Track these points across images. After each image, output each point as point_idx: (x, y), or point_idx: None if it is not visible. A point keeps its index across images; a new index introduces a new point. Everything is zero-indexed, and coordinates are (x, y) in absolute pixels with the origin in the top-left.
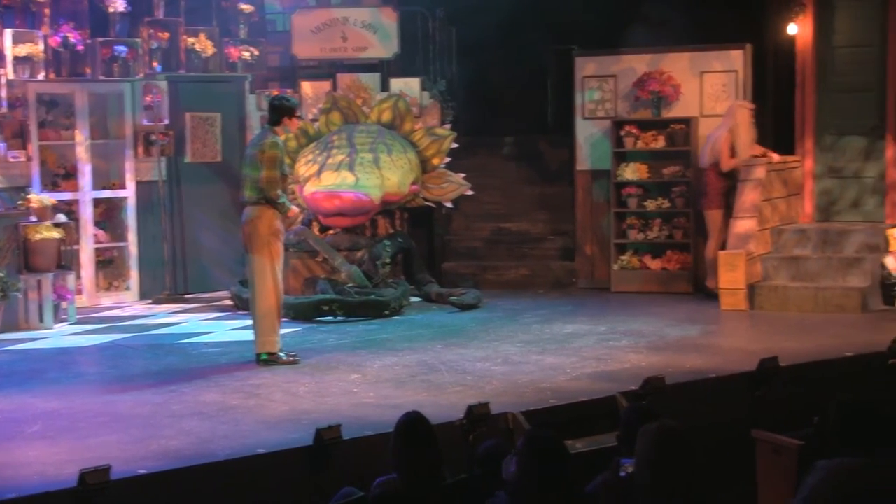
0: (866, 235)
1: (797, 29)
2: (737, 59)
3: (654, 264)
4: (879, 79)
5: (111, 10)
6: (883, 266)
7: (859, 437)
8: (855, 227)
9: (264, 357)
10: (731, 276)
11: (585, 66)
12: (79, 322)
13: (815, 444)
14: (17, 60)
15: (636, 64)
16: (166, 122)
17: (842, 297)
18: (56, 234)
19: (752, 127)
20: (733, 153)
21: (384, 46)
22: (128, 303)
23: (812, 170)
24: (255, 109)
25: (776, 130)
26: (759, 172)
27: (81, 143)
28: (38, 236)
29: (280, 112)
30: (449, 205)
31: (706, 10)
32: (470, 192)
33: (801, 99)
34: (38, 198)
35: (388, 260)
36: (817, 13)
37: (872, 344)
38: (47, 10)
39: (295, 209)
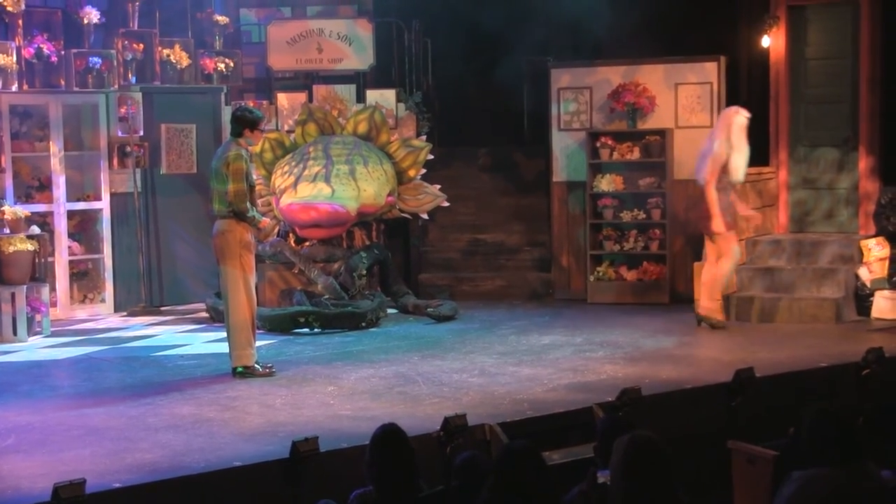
0: (840, 246)
1: (770, 41)
2: (711, 71)
3: (630, 275)
4: (852, 91)
5: (85, 21)
6: (857, 277)
7: (834, 447)
8: (829, 238)
9: (240, 370)
10: None
11: (561, 78)
12: (53, 335)
13: (790, 455)
14: None
15: (611, 75)
16: (141, 133)
17: (816, 308)
18: (30, 246)
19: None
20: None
21: (360, 58)
22: (102, 315)
23: (786, 181)
24: (230, 121)
25: (750, 142)
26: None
27: (55, 155)
28: (11, 248)
29: (241, 123)
30: (425, 216)
31: (680, 22)
32: (446, 204)
33: (774, 110)
34: (12, 210)
35: (364, 271)
36: (790, 26)
37: (847, 354)
38: (20, 21)
39: (266, 220)
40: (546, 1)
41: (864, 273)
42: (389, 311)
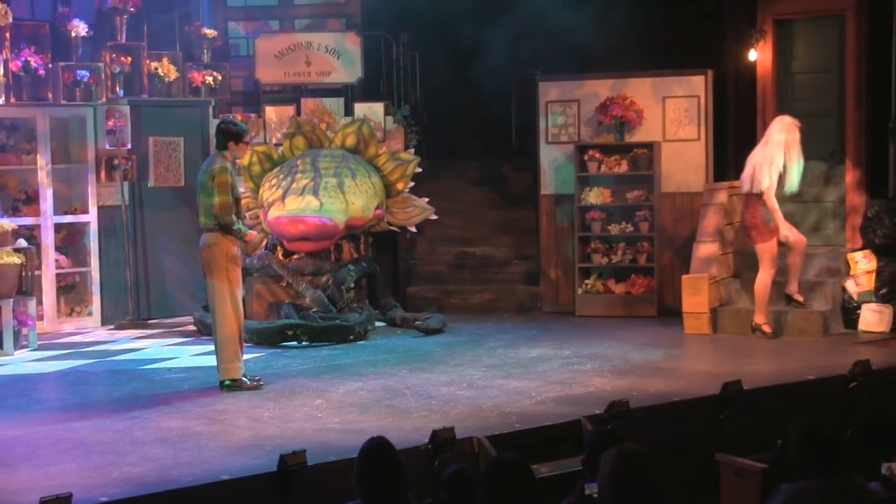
0: (827, 259)
1: (757, 55)
2: (698, 85)
3: (618, 288)
4: (838, 104)
5: (73, 34)
6: (844, 290)
7: (821, 460)
8: (816, 251)
9: (228, 383)
10: (694, 300)
11: (549, 91)
12: (40, 348)
13: (778, 468)
14: None
15: (599, 89)
16: (129, 146)
17: (803, 321)
18: (17, 259)
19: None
20: (781, 180)
21: (348, 71)
22: (90, 328)
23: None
24: (215, 134)
25: (737, 155)
26: (721, 197)
27: (43, 168)
28: None
29: (226, 136)
30: (413, 229)
31: (668, 36)
32: (434, 217)
33: (761, 124)
34: None
35: (352, 284)
36: (777, 39)
37: (834, 367)
38: (8, 34)
39: (252, 233)
40: (534, 14)
41: (851, 286)
42: (377, 324)
